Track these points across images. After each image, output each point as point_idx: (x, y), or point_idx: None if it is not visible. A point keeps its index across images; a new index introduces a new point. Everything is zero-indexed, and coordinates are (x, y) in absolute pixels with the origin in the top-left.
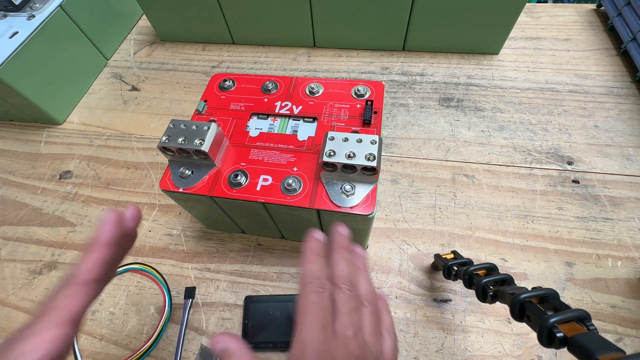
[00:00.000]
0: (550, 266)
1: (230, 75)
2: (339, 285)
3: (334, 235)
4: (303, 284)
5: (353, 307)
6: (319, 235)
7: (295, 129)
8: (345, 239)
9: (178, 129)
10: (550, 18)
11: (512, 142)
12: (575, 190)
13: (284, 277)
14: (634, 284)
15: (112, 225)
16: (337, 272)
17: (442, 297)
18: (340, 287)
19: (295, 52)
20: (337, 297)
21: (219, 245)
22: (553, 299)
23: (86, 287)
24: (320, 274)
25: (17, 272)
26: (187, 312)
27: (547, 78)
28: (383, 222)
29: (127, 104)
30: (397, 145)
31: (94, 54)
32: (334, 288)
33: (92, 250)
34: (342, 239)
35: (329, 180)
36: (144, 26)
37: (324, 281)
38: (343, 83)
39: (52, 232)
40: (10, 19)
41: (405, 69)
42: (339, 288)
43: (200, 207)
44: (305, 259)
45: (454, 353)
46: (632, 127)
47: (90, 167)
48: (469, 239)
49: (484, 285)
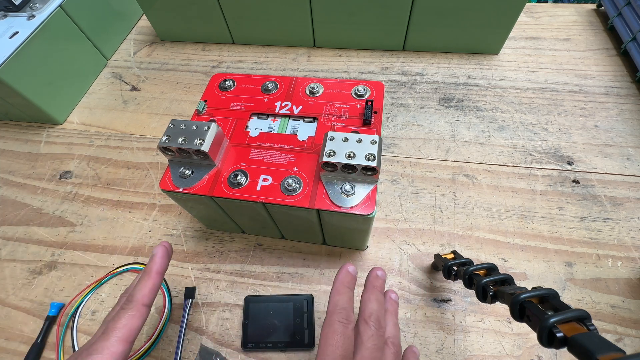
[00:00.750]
0: (550, 266)
1: (230, 75)
2: (367, 321)
3: (370, 276)
4: (330, 312)
5: (377, 345)
6: (352, 269)
7: (295, 129)
8: (380, 281)
9: (178, 129)
10: (550, 18)
11: (512, 142)
12: (575, 190)
13: (284, 277)
14: (634, 284)
15: (163, 257)
16: (367, 309)
17: (442, 297)
18: (368, 323)
19: (295, 52)
20: (363, 332)
21: (219, 245)
22: (553, 299)
23: (144, 309)
24: (348, 306)
25: (17, 272)
26: (187, 312)
27: (547, 78)
28: (383, 222)
29: (127, 104)
30: (397, 145)
31: (94, 54)
32: (361, 323)
33: (148, 278)
34: (377, 281)
35: (329, 180)
36: (144, 26)
37: (350, 313)
38: (343, 83)
39: (52, 232)
40: (10, 19)
41: (405, 69)
42: (367, 324)
43: (200, 207)
44: (335, 290)
45: (454, 353)
46: (632, 127)
47: (90, 167)
48: (469, 239)
49: (484, 285)
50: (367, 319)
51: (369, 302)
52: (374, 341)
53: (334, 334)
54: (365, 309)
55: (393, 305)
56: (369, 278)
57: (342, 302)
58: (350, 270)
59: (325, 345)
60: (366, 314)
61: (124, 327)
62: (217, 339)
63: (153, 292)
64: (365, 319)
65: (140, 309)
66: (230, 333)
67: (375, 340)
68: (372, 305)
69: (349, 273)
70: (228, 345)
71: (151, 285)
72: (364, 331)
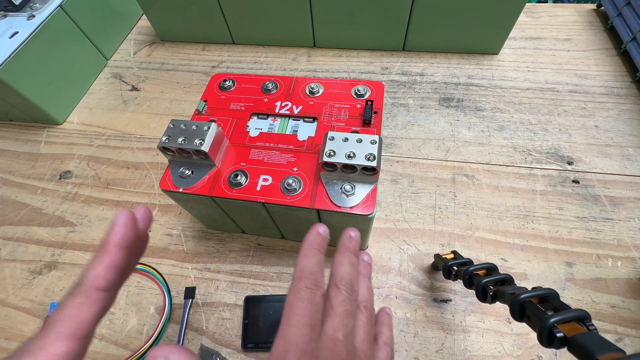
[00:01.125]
0: (550, 266)
1: (230, 75)
2: (338, 286)
3: (343, 237)
4: (296, 278)
5: (348, 310)
6: (323, 231)
7: (295, 129)
8: (354, 242)
9: (178, 129)
10: (550, 18)
11: (512, 142)
12: (575, 190)
13: (284, 277)
14: (634, 284)
15: (124, 227)
16: (339, 273)
17: (442, 297)
18: (339, 287)
19: (295, 52)
20: (333, 297)
21: (219, 245)
22: (553, 299)
23: (96, 295)
24: (317, 270)
25: (17, 272)
26: (187, 312)
27: (547, 78)
28: (383, 222)
29: (127, 104)
30: (397, 145)
31: (94, 54)
32: (332, 287)
33: (103, 254)
34: (350, 242)
35: (329, 180)
36: (144, 26)
37: (319, 278)
38: (343, 83)
39: (52, 232)
40: (10, 19)
41: (405, 69)
42: (337, 288)
43: (200, 207)
44: (303, 253)
45: (454, 353)
46: (632, 127)
47: (90, 167)
48: (469, 239)
49: (484, 285)
50: (339, 283)
51: (340, 265)
52: (345, 306)
53: (300, 301)
54: (336, 272)
55: (366, 267)
56: (342, 239)
57: (310, 265)
58: (321, 231)
59: (291, 315)
60: (337, 277)
61: (68, 319)
62: (217, 339)
63: (110, 272)
64: (337, 283)
65: (91, 294)
66: (230, 333)
67: (347, 305)
68: (344, 268)
69: (319, 234)
70: (228, 345)
71: (107, 263)
72: (334, 296)
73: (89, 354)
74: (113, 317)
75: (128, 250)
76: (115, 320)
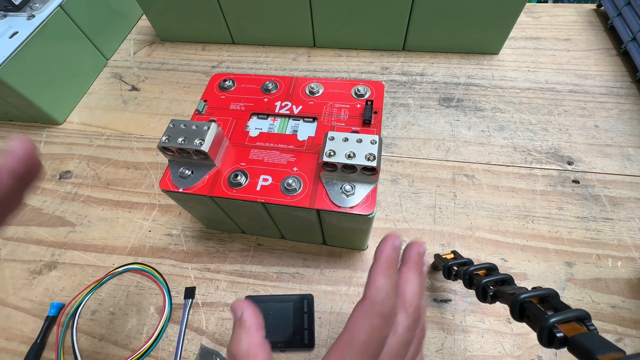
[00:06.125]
0: (550, 266)
1: (230, 75)
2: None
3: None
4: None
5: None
6: (399, 244)
7: (295, 129)
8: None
9: (178, 129)
10: (550, 18)
11: (512, 142)
12: (575, 190)
13: (284, 277)
14: (634, 284)
15: None
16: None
17: (442, 297)
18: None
19: (295, 52)
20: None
21: (219, 245)
22: (553, 299)
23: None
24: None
25: (17, 272)
26: (187, 312)
27: (547, 78)
28: (383, 222)
29: (127, 104)
30: (397, 145)
31: (93, 54)
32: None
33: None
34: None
35: (329, 180)
36: (144, 26)
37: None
38: (343, 83)
39: (52, 232)
40: (10, 19)
41: (405, 69)
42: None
43: (200, 207)
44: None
45: (454, 353)
46: (632, 127)
47: (90, 167)
48: (469, 239)
49: (484, 285)
50: (408, 307)
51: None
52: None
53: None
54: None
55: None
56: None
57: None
58: (397, 244)
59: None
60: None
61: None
62: (217, 339)
63: None
64: (406, 307)
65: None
66: (230, 333)
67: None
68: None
69: (396, 249)
70: None
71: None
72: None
73: (89, 354)
74: (113, 317)
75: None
76: (115, 320)
